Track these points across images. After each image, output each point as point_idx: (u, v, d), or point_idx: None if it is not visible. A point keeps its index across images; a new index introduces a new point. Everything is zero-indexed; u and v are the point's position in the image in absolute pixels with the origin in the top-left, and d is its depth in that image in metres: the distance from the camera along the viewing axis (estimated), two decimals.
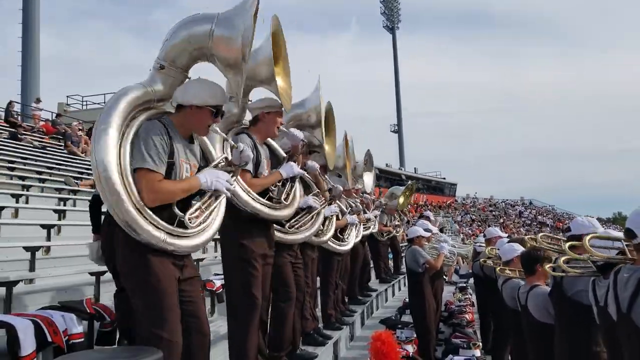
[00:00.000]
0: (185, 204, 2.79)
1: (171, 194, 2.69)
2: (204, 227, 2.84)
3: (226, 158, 3.09)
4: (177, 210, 2.71)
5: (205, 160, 3.08)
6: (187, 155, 2.87)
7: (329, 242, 5.41)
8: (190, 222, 2.71)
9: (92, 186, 11.19)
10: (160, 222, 2.63)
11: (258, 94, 3.88)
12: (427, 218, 11.49)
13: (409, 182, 11.19)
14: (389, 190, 10.61)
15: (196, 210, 2.79)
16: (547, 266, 3.87)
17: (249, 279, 3.54)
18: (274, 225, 3.85)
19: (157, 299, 2.63)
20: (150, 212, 2.61)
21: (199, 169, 2.94)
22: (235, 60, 2.77)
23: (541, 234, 4.00)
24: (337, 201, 5.44)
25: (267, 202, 3.60)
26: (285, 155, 4.05)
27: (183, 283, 2.79)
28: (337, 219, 5.51)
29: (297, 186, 3.91)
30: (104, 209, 4.02)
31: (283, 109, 3.87)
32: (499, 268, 4.97)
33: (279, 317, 4.08)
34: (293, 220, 4.12)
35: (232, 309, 3.65)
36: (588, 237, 2.82)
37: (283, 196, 3.71)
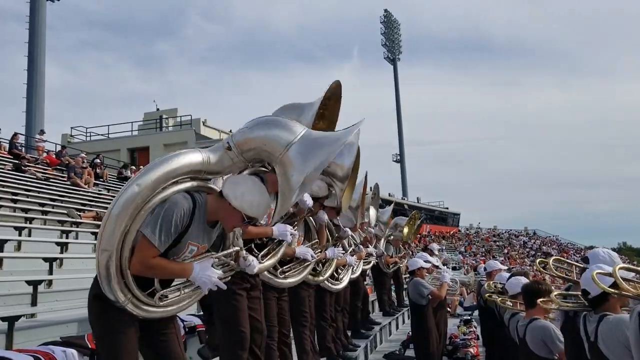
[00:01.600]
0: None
1: (157, 273, 2.70)
2: (171, 303, 2.80)
3: (237, 252, 2.99)
4: (157, 285, 2.72)
5: (221, 243, 3.01)
6: (202, 238, 2.81)
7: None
8: (160, 300, 2.72)
9: (94, 218, 11.21)
10: (133, 287, 2.63)
11: None
12: (431, 251, 11.46)
13: (413, 211, 11.10)
14: (393, 220, 10.54)
15: (174, 290, 2.77)
16: (539, 300, 3.87)
17: (234, 312, 3.56)
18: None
19: (116, 351, 2.67)
20: (129, 275, 2.62)
21: (209, 249, 2.91)
22: (286, 186, 2.71)
23: (553, 257, 3.94)
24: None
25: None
26: (291, 210, 4.10)
27: (153, 326, 2.80)
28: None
29: (281, 249, 3.89)
30: None
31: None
32: (500, 299, 4.95)
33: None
34: (285, 267, 4.15)
35: (222, 346, 3.66)
36: (617, 267, 2.73)
37: (263, 252, 3.73)
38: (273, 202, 3.79)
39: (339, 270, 5.86)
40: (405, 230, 10.17)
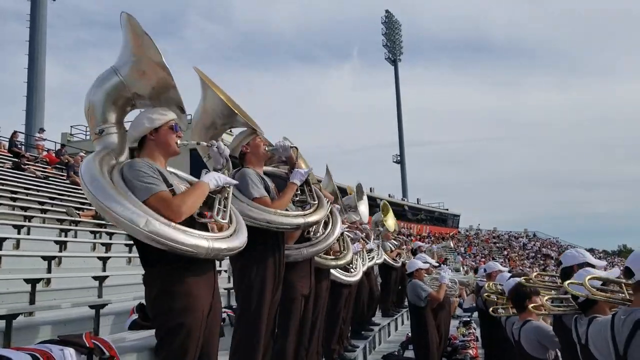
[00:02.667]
0: (200, 214, 2.76)
1: (192, 202, 2.61)
2: (236, 229, 2.84)
3: (204, 148, 3.07)
4: (199, 218, 2.69)
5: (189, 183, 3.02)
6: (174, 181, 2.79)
7: (335, 272, 5.30)
8: (221, 219, 2.72)
9: (93, 217, 11.20)
10: (197, 231, 2.55)
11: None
12: (420, 247, 11.47)
13: (381, 202, 11.04)
14: (372, 219, 10.49)
15: (217, 212, 2.76)
16: (531, 306, 3.92)
17: (258, 309, 3.45)
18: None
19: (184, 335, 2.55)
20: (182, 226, 2.51)
21: None
22: (158, 82, 2.75)
23: (535, 273, 4.03)
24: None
25: (299, 212, 3.75)
26: (285, 172, 4.12)
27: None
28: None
29: (314, 188, 4.02)
30: None
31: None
32: (491, 309, 4.95)
33: (277, 352, 3.99)
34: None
35: (235, 340, 3.58)
36: (587, 278, 2.87)
37: (310, 200, 3.91)
38: (270, 181, 3.82)
39: (353, 261, 5.78)
40: (388, 222, 10.20)
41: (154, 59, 2.67)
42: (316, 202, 3.94)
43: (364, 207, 7.99)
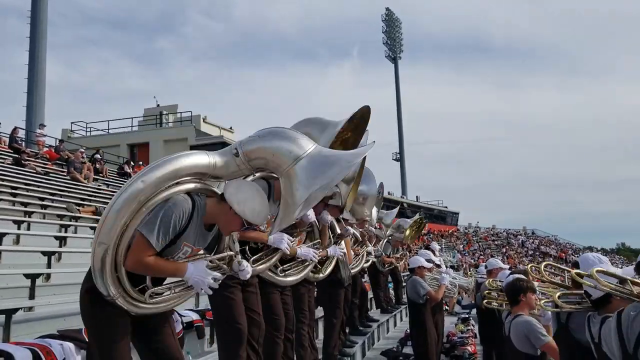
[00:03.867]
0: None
1: (151, 272, 2.69)
2: (160, 302, 2.79)
3: (232, 257, 2.95)
4: (149, 282, 2.72)
5: (216, 244, 2.98)
6: (197, 240, 2.80)
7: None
8: (150, 298, 2.71)
9: (93, 213, 11.22)
10: (125, 282, 2.63)
11: None
12: (432, 250, 11.44)
13: (418, 216, 10.95)
14: (397, 221, 10.46)
15: (165, 288, 2.77)
16: (543, 302, 3.87)
17: (229, 305, 3.56)
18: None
19: (108, 347, 2.69)
20: (123, 270, 2.62)
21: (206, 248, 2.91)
22: (290, 200, 2.65)
23: (544, 262, 3.94)
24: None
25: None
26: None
27: (148, 322, 2.81)
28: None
29: (276, 256, 3.85)
30: None
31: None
32: (485, 301, 4.97)
33: (268, 346, 4.04)
34: (286, 265, 4.12)
35: (219, 340, 3.67)
36: (595, 270, 2.76)
37: (255, 257, 3.70)
38: (277, 209, 3.80)
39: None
40: (407, 232, 10.10)
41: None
42: (264, 262, 3.74)
43: (375, 210, 7.99)
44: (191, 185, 2.72)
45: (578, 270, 3.08)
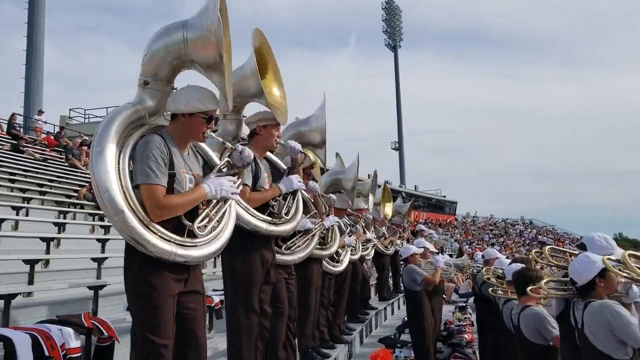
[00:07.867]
0: (192, 213, 2.75)
1: (177, 208, 2.65)
2: (215, 235, 2.79)
3: (229, 162, 3.01)
4: (185, 221, 2.68)
5: (208, 167, 3.03)
6: (188, 165, 2.83)
7: (323, 261, 5.35)
8: (199, 231, 2.68)
9: (89, 191, 11.22)
10: (169, 234, 2.59)
11: (254, 109, 3.87)
12: (421, 231, 11.44)
13: (381, 188, 10.82)
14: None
15: (204, 218, 2.75)
16: (529, 289, 3.88)
17: (249, 294, 3.54)
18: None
19: (153, 314, 2.60)
20: (158, 226, 2.57)
21: (204, 177, 2.91)
22: (213, 60, 2.69)
23: (548, 246, 3.91)
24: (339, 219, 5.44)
25: (267, 218, 3.60)
26: (285, 168, 4.06)
27: (184, 296, 2.73)
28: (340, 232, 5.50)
29: (299, 199, 3.93)
30: None
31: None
32: (490, 289, 4.98)
33: (271, 332, 4.03)
34: (289, 242, 4.11)
35: (231, 325, 3.64)
36: (626, 254, 2.81)
37: (284, 210, 3.72)
38: (266, 168, 3.80)
39: (339, 251, 5.81)
40: (386, 209, 10.04)
41: (218, 46, 2.64)
42: (289, 217, 3.77)
43: (371, 197, 7.98)
44: (140, 131, 2.75)
45: (608, 256, 3.05)
